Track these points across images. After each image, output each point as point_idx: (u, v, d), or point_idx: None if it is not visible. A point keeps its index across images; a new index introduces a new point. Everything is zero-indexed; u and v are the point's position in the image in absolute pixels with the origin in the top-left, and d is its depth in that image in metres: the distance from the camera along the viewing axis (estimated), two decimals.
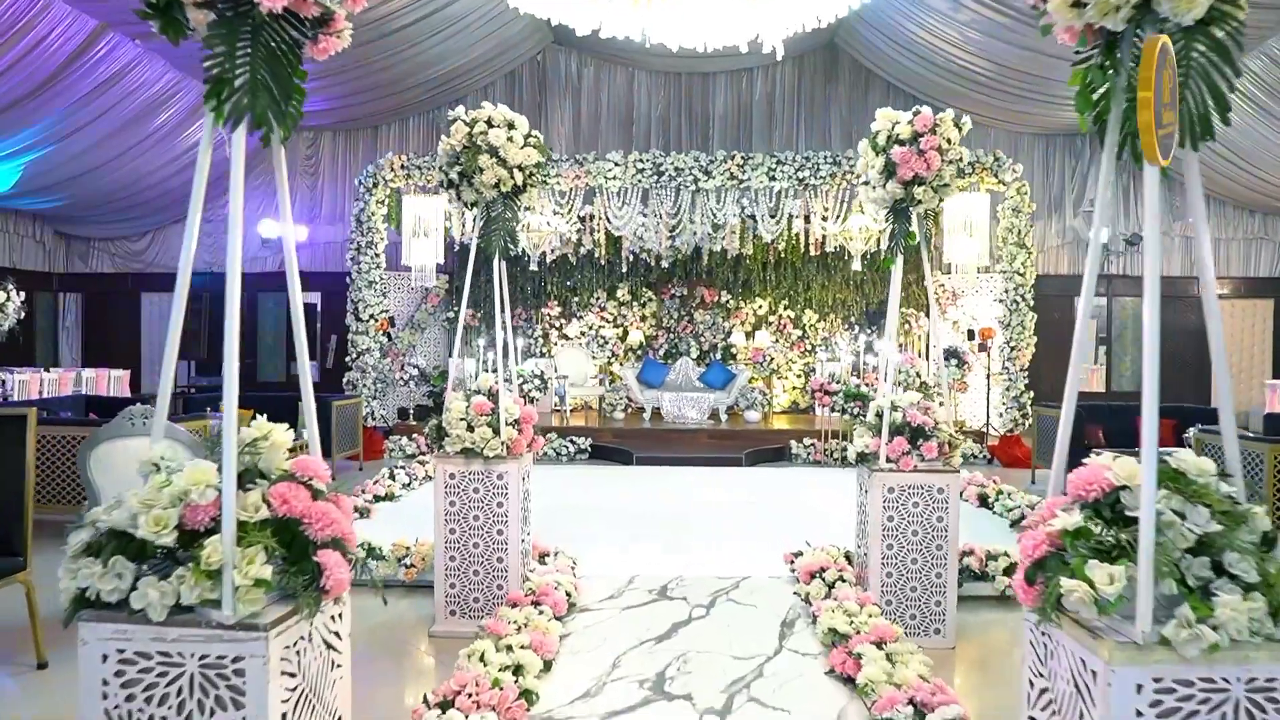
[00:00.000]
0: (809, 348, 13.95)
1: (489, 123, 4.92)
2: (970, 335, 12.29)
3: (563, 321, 14.10)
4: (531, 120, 12.66)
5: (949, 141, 4.74)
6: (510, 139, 4.89)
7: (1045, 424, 9.64)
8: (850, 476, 9.79)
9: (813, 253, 12.35)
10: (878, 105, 15.93)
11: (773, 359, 12.76)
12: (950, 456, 4.81)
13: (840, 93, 15.33)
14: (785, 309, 13.97)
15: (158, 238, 16.01)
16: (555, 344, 13.93)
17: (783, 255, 13.06)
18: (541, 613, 4.51)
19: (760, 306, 13.98)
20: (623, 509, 7.81)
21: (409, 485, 8.70)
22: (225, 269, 2.08)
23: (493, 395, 4.92)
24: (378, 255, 11.33)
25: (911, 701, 3.51)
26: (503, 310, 5.32)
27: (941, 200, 4.97)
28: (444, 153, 5.03)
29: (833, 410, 10.38)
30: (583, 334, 13.98)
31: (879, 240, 11.78)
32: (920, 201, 4.83)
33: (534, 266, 12.00)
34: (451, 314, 13.85)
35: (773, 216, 11.36)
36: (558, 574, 5.09)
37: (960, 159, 4.79)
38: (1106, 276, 15.21)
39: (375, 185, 11.27)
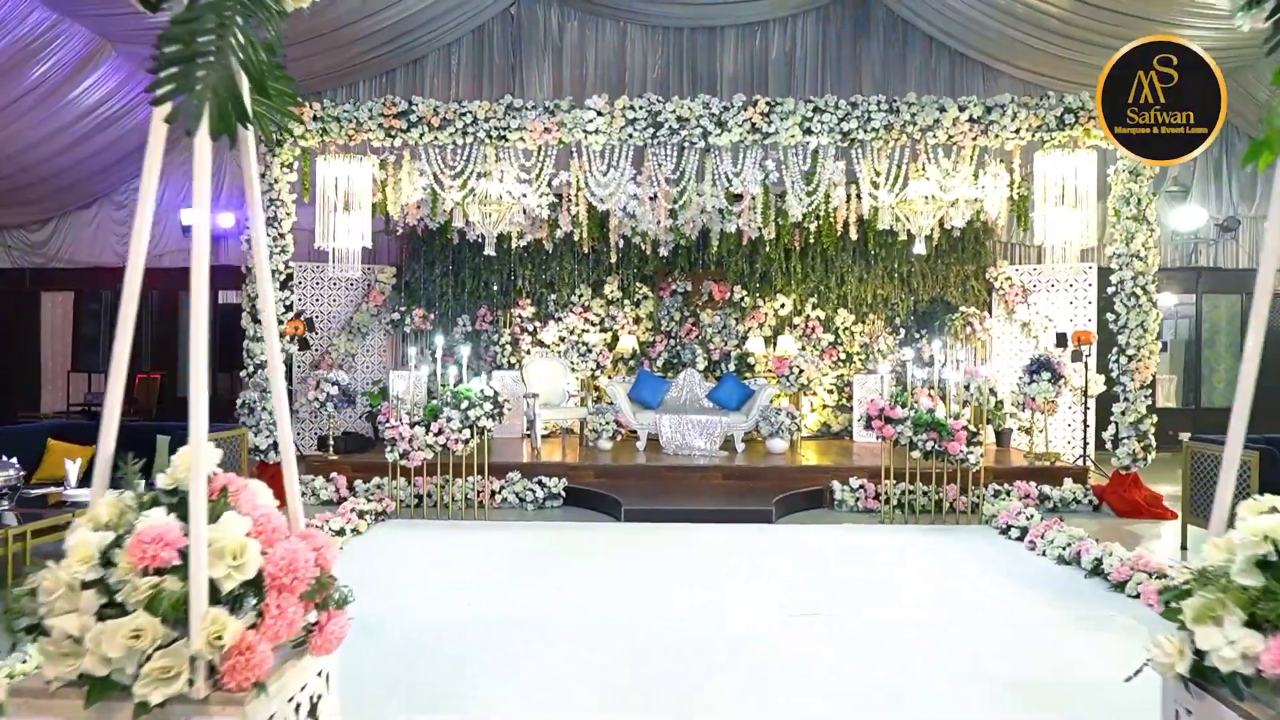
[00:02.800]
0: (842, 356, 10.67)
1: None
2: (1060, 341, 9.03)
3: (537, 324, 10.81)
4: (504, 83, 9.15)
5: None
6: None
7: (1204, 466, 6.40)
8: (946, 541, 6.46)
9: (851, 235, 9.06)
10: (916, 64, 12.59)
11: (801, 371, 9.50)
12: None
13: (872, 50, 12.09)
14: (814, 308, 10.70)
15: (61, 226, 12.73)
16: (526, 352, 10.65)
17: (813, 239, 9.78)
18: None
19: (782, 305, 10.70)
20: (597, 639, 4.50)
21: None
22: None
23: (181, 506, 1.65)
24: (283, 236, 8.10)
25: None
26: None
27: None
28: None
29: (897, 443, 7.12)
30: (561, 339, 10.69)
31: (949, 214, 8.50)
32: None
33: (489, 251, 8.71)
34: (397, 315, 10.58)
35: (807, 183, 8.12)
36: None
37: None
38: (1195, 270, 11.97)
39: (279, 144, 8.05)
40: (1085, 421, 8.95)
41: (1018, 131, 7.83)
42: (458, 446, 7.17)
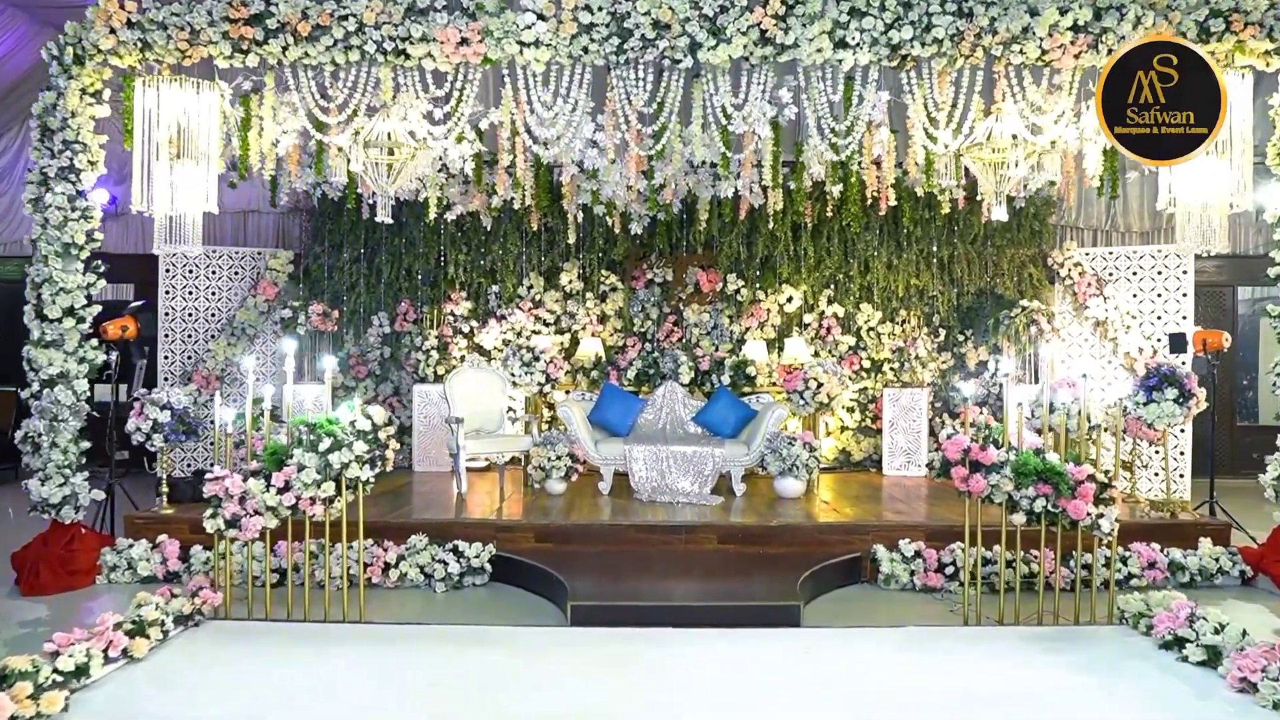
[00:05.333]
0: (866, 365, 8.01)
1: None
2: (1176, 345, 6.41)
3: (474, 324, 8.07)
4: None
5: None
6: None
7: None
8: (1082, 669, 2.87)
9: (881, 206, 6.36)
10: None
11: (820, 385, 6.82)
12: None
13: None
14: (829, 303, 8.03)
15: None
16: (460, 359, 7.90)
17: (831, 211, 7.09)
18: None
19: (789, 299, 8.03)
20: None
21: None
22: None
23: None
24: (83, 195, 5.36)
25: None
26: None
27: None
28: None
29: (988, 500, 4.45)
30: (506, 343, 7.95)
31: (1031, 171, 5.82)
32: None
33: (384, 216, 5.92)
34: (288, 311, 7.81)
35: (836, 122, 5.46)
36: None
37: None
38: None
39: (78, 61, 5.31)
40: (1212, 459, 6.31)
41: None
42: (314, 508, 4.43)
